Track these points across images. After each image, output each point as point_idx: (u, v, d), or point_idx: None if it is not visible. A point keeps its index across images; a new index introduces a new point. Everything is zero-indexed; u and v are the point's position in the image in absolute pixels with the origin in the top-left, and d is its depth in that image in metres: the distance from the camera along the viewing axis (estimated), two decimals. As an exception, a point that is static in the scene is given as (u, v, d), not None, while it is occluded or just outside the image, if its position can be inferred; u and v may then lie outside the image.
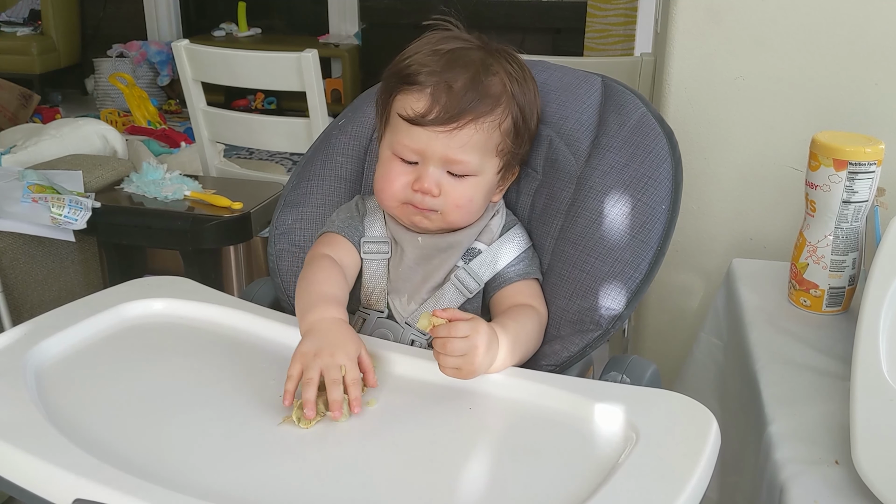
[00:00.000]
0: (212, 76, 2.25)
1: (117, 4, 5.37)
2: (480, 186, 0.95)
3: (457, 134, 0.90)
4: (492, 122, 0.91)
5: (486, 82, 0.91)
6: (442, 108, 0.89)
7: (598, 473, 0.69)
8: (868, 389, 0.80)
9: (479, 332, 0.79)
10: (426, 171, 0.92)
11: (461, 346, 0.78)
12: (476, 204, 0.95)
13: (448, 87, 0.90)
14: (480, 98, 0.90)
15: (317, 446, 0.74)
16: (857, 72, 1.31)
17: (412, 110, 0.90)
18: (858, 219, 1.07)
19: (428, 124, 0.90)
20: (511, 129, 0.94)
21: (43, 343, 0.86)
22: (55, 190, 1.75)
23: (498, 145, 0.93)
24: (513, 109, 0.93)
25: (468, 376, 0.80)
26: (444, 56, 0.91)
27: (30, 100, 4.27)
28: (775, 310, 1.13)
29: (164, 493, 0.64)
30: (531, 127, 0.98)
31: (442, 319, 0.80)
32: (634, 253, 0.92)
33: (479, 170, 0.93)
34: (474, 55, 0.93)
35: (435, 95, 0.90)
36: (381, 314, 0.98)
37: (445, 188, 0.93)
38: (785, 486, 0.79)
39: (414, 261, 0.98)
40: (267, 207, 1.86)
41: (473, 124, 0.90)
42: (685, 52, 1.37)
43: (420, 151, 0.92)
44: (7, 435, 0.71)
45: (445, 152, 0.91)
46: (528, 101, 0.96)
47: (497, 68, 0.93)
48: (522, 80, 0.95)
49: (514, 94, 0.93)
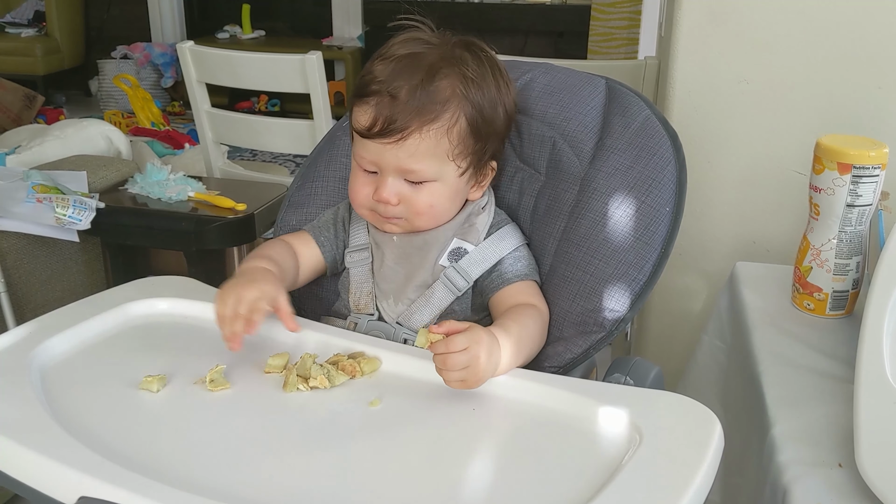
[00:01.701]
0: (216, 77, 2.25)
1: (121, 6, 5.39)
2: (441, 191, 0.94)
3: (403, 144, 0.90)
4: (438, 128, 0.90)
5: (432, 87, 0.90)
6: (384, 119, 0.89)
7: (602, 474, 0.69)
8: (872, 392, 0.80)
9: (477, 341, 0.79)
10: (384, 181, 0.93)
11: (462, 360, 0.78)
12: (440, 208, 0.95)
13: (391, 99, 0.89)
14: (423, 106, 0.89)
15: (321, 446, 0.74)
16: (861, 75, 1.32)
17: (360, 123, 0.92)
18: (862, 222, 1.07)
19: (374, 136, 0.90)
20: (466, 130, 0.92)
21: (48, 341, 0.87)
22: (59, 190, 1.75)
23: (451, 150, 0.92)
24: (466, 111, 0.91)
25: (474, 386, 0.80)
26: (394, 63, 0.91)
27: (34, 101, 4.28)
28: (779, 313, 1.13)
29: (169, 491, 0.65)
30: (496, 124, 0.96)
31: (438, 335, 0.79)
32: (638, 255, 0.93)
33: (437, 175, 0.93)
34: (426, 59, 0.91)
35: (379, 107, 0.90)
36: (371, 317, 0.99)
37: (405, 196, 0.93)
38: (788, 489, 0.79)
39: (393, 261, 0.99)
40: (270, 208, 1.86)
41: (418, 133, 0.90)
42: (689, 55, 1.37)
43: (375, 163, 0.93)
44: (12, 433, 0.71)
45: (397, 163, 0.91)
46: (487, 98, 0.93)
47: (447, 71, 0.91)
48: (480, 78, 0.93)
49: (468, 95, 0.91)
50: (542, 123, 1.02)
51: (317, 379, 0.82)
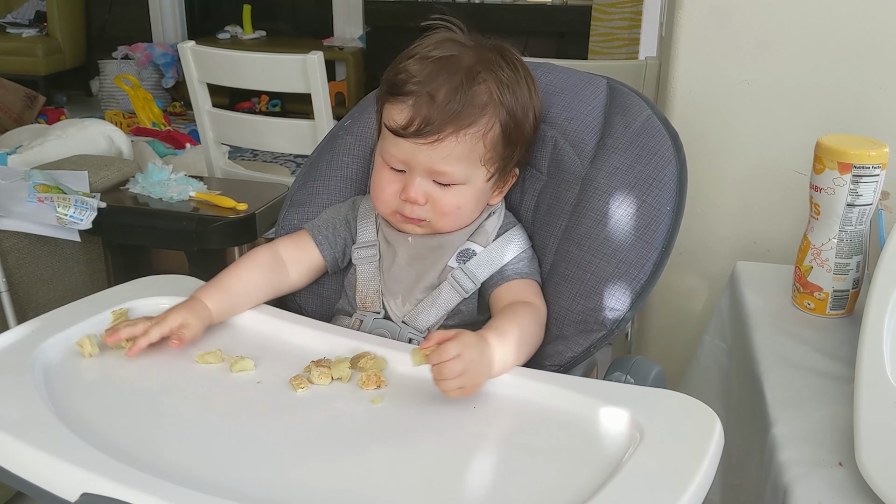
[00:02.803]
0: (217, 78, 2.25)
1: (123, 6, 5.39)
2: (468, 194, 0.95)
3: (438, 146, 0.90)
4: (475, 133, 0.91)
5: (471, 92, 0.90)
6: (422, 120, 0.89)
7: (602, 473, 0.69)
8: (872, 392, 0.80)
9: (466, 345, 0.79)
10: (412, 180, 0.93)
11: (456, 367, 0.78)
12: (465, 211, 0.96)
13: (430, 99, 0.89)
14: (462, 109, 0.89)
15: (324, 444, 0.74)
16: (862, 75, 1.32)
17: (395, 121, 0.91)
18: (863, 222, 1.07)
19: (409, 136, 0.90)
20: (499, 136, 0.93)
21: (51, 339, 0.87)
22: (61, 190, 1.75)
23: (484, 155, 0.92)
24: (501, 117, 0.92)
25: (473, 391, 0.80)
26: (431, 64, 0.91)
27: (35, 101, 4.28)
28: (779, 313, 1.13)
29: (171, 488, 0.65)
30: (526, 131, 0.96)
31: (430, 348, 0.79)
32: (639, 254, 0.93)
33: (466, 179, 0.93)
34: (464, 62, 0.91)
35: (417, 107, 0.89)
36: (377, 315, 0.99)
37: (432, 197, 0.94)
38: (789, 488, 0.79)
39: (406, 261, 0.99)
40: (272, 208, 1.86)
41: (455, 136, 0.90)
42: (690, 55, 1.37)
43: (405, 162, 0.93)
44: (15, 430, 0.72)
45: (429, 164, 0.91)
46: (521, 104, 0.94)
47: (485, 76, 0.91)
48: (514, 83, 0.93)
49: (503, 101, 0.92)
50: (543, 123, 1.02)
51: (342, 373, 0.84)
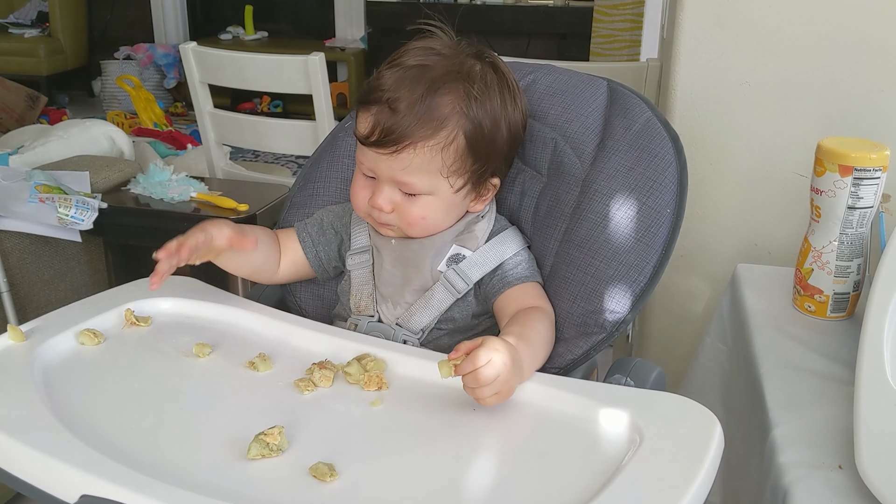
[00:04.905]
0: (219, 78, 2.26)
1: (125, 7, 5.40)
2: (435, 205, 0.94)
3: (397, 157, 0.90)
4: (433, 145, 0.90)
5: (432, 104, 0.89)
6: (382, 130, 0.89)
7: (602, 475, 0.69)
8: (872, 394, 0.80)
9: (497, 350, 0.78)
10: (380, 188, 0.93)
11: (490, 373, 0.77)
12: (432, 220, 0.95)
13: (391, 110, 0.89)
14: (420, 122, 0.88)
15: (323, 446, 0.74)
16: (862, 78, 1.32)
17: (359, 130, 0.92)
18: (863, 225, 1.07)
19: (370, 145, 0.91)
20: (464, 149, 0.91)
21: (51, 340, 0.87)
22: (62, 190, 1.76)
23: (446, 168, 0.91)
24: (466, 129, 0.90)
25: (507, 396, 0.79)
26: (400, 73, 0.90)
27: (37, 101, 4.28)
28: (780, 315, 1.13)
29: (170, 490, 0.65)
30: (498, 143, 0.94)
31: (458, 359, 0.78)
32: (639, 256, 0.93)
33: (431, 190, 0.92)
34: (432, 72, 0.90)
35: (378, 117, 0.90)
36: (371, 318, 0.99)
37: (399, 206, 0.94)
38: (789, 491, 0.79)
39: (391, 263, 0.99)
40: (273, 209, 1.87)
41: (412, 148, 0.89)
42: (691, 57, 1.37)
43: (372, 170, 0.93)
44: (15, 431, 0.72)
45: (391, 174, 0.92)
46: (490, 116, 0.92)
47: (451, 87, 0.90)
48: (484, 95, 0.91)
49: (468, 113, 0.90)
50: (543, 125, 1.02)
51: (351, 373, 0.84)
